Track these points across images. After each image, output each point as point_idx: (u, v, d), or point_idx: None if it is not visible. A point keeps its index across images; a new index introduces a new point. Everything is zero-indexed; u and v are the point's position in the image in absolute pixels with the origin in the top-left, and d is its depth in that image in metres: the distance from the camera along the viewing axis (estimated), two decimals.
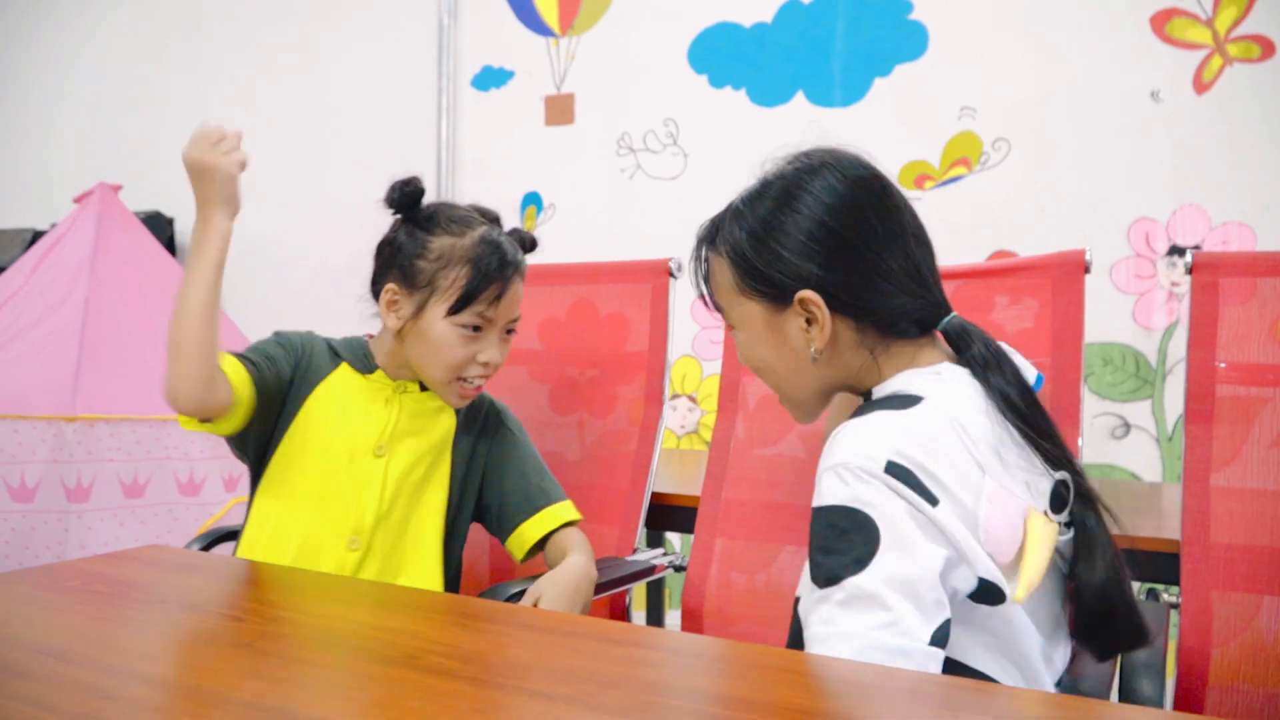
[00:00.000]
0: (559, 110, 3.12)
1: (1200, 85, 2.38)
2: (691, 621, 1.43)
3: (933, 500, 0.83)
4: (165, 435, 2.28)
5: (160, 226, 3.53)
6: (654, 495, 1.55)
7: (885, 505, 0.82)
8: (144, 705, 0.64)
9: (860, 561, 0.81)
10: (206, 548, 1.48)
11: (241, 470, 2.41)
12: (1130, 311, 2.42)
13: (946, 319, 0.97)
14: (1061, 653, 0.93)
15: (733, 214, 1.01)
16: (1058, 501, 0.92)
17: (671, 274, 1.62)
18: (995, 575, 0.85)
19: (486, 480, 1.41)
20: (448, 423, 1.39)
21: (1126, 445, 2.42)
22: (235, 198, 1.21)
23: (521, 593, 1.19)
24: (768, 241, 0.96)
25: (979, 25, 2.59)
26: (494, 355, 1.32)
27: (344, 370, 1.36)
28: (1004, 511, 0.86)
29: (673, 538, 2.52)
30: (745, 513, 1.45)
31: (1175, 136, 2.39)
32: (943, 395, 0.91)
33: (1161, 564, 1.26)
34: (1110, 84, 2.45)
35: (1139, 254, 2.42)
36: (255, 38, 3.65)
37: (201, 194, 1.19)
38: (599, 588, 1.27)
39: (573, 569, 1.25)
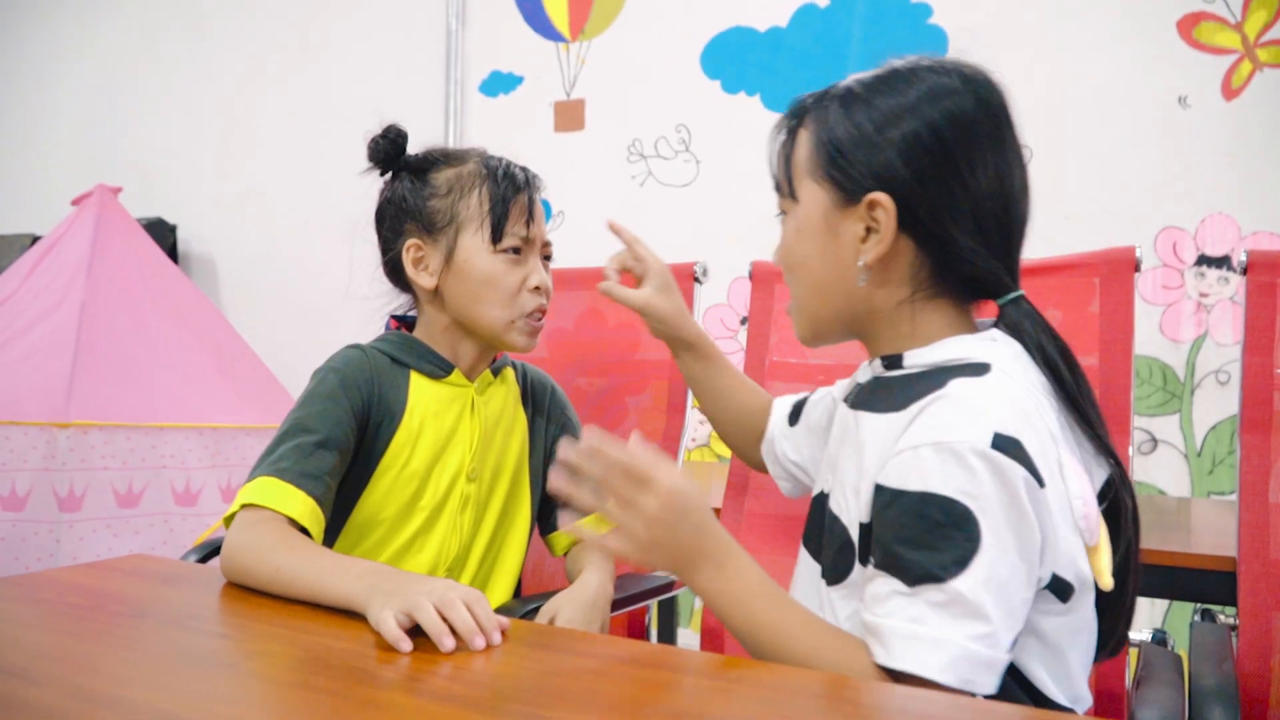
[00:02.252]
0: (569, 116, 3.07)
1: (1229, 91, 2.31)
2: (711, 640, 1.35)
3: (1040, 480, 0.76)
4: (161, 443, 2.21)
5: (162, 234, 3.47)
6: None
7: (990, 494, 0.74)
8: None
9: (961, 563, 0.73)
10: (203, 560, 1.40)
11: (240, 479, 2.35)
12: (1158, 323, 2.35)
13: (1011, 295, 0.88)
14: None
15: (842, 93, 0.90)
16: (1105, 491, 0.85)
17: (696, 279, 1.55)
18: (1069, 568, 0.78)
19: (546, 473, 1.32)
20: (521, 426, 1.30)
21: (1154, 460, 2.34)
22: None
23: (535, 610, 1.12)
24: (866, 128, 0.86)
25: (1000, 30, 2.52)
26: (544, 277, 1.21)
27: (417, 383, 1.21)
28: (1086, 489, 0.79)
29: None
30: (769, 525, 1.37)
31: (1203, 143, 2.32)
32: (1007, 362, 0.83)
33: (1215, 583, 1.18)
34: (1136, 90, 2.39)
35: (1166, 264, 2.35)
36: (259, 43, 3.61)
37: (391, 592, 0.84)
38: (617, 604, 1.20)
39: (590, 585, 1.17)
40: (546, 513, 1.33)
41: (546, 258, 1.25)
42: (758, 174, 3.14)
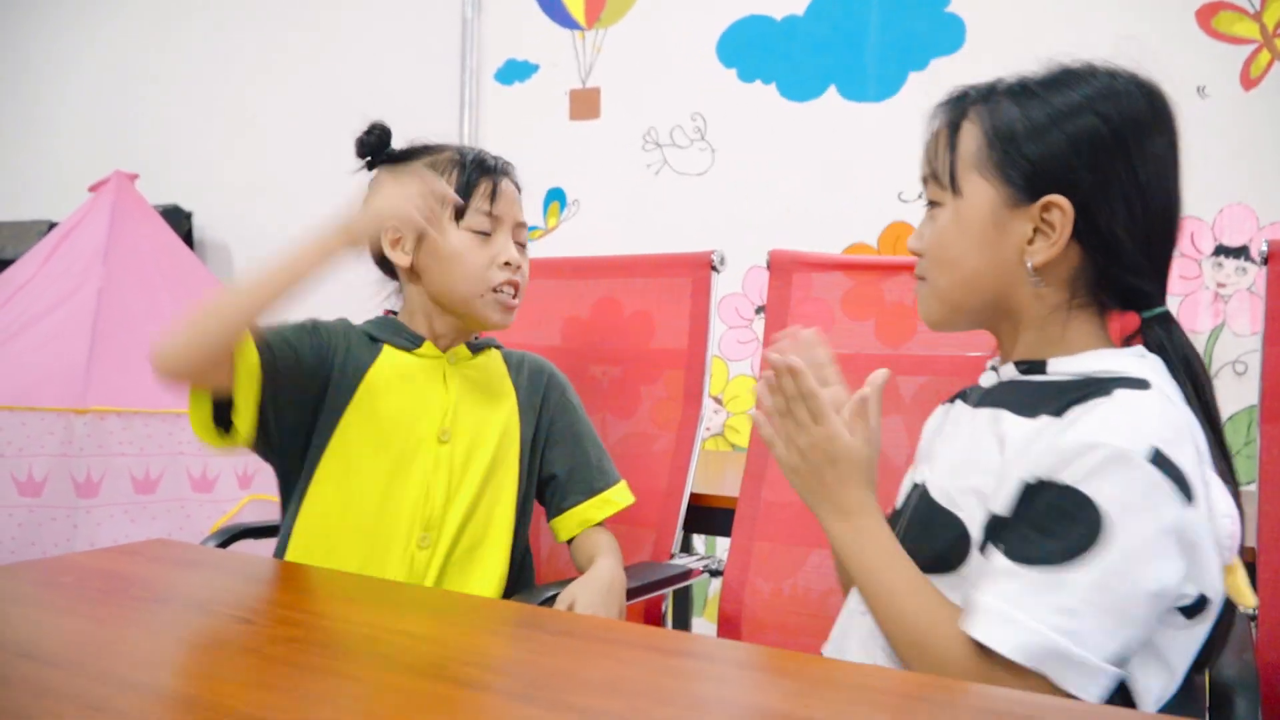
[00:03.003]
0: (584, 105, 3.06)
1: (1248, 81, 2.29)
2: (729, 629, 1.36)
3: (1190, 497, 0.75)
4: (178, 430, 2.23)
5: (178, 220, 3.47)
6: (690, 497, 1.47)
7: (1131, 507, 0.73)
8: (134, 718, 0.57)
9: (1070, 554, 0.73)
10: (222, 545, 1.41)
11: (257, 466, 2.35)
12: (1175, 314, 2.33)
13: (1158, 310, 0.86)
14: None
15: (1014, 89, 0.88)
16: None
17: (714, 267, 1.54)
18: (1211, 586, 0.77)
19: (545, 455, 1.34)
20: (509, 397, 1.32)
21: None
22: (364, 236, 1.18)
23: (553, 598, 1.12)
24: (1049, 128, 0.84)
25: (1018, 18, 2.51)
26: (513, 253, 1.27)
27: (388, 353, 1.26)
28: (1232, 508, 0.79)
29: (698, 540, 2.45)
30: (786, 515, 1.37)
31: (1221, 134, 2.30)
32: (1162, 380, 0.81)
33: None
34: (1153, 79, 2.36)
35: (1184, 254, 2.33)
36: (274, 30, 3.61)
37: (354, 215, 1.18)
38: (634, 592, 1.20)
39: (605, 572, 1.17)
40: (551, 497, 1.34)
41: (520, 243, 1.30)
42: (774, 163, 3.10)
